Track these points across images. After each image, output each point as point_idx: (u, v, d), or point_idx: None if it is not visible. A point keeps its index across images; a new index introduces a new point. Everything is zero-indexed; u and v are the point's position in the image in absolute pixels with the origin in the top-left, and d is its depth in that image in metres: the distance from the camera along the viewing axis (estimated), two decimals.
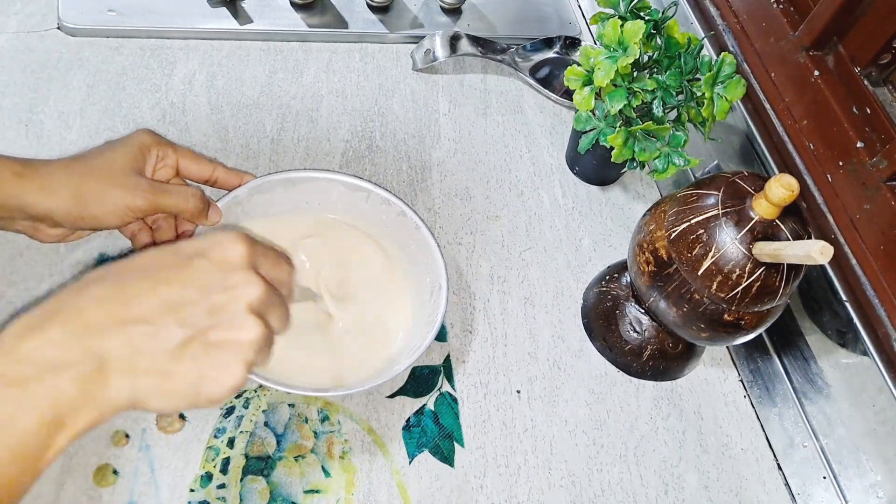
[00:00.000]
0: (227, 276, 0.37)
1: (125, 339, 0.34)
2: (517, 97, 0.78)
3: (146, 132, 0.50)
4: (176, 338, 0.35)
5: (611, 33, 0.58)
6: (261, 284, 0.37)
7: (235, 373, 0.36)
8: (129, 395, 0.34)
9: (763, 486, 0.59)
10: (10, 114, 0.64)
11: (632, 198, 0.73)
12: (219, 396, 0.36)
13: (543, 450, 0.56)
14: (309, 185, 0.57)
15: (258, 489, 0.50)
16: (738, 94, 0.59)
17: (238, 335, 0.36)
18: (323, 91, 0.73)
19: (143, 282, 0.36)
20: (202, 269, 0.37)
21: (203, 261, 0.37)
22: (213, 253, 0.37)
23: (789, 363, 0.63)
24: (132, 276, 0.36)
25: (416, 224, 0.56)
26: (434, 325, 0.52)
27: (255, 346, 0.37)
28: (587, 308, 0.64)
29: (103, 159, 0.48)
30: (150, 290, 0.35)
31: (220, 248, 0.38)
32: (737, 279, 0.49)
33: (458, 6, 0.81)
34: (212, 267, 0.37)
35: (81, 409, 0.33)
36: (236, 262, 0.38)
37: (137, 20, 0.72)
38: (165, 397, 0.35)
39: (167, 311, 0.35)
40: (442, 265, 0.54)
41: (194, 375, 0.35)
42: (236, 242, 0.38)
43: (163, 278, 0.36)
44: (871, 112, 0.57)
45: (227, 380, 0.36)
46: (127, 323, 0.34)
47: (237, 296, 0.37)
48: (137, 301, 0.35)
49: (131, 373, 0.34)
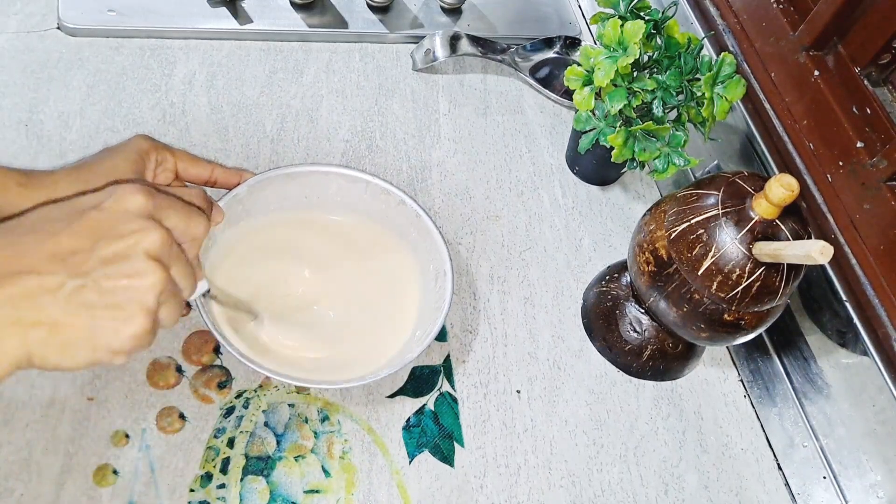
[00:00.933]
0: (122, 224, 0.35)
1: (11, 292, 0.32)
2: (517, 97, 0.78)
3: (142, 137, 0.50)
4: (66, 287, 0.33)
5: (611, 33, 0.58)
6: (160, 231, 0.36)
7: (136, 321, 0.34)
8: (21, 350, 0.33)
9: (763, 486, 0.59)
10: (10, 114, 0.64)
11: (632, 198, 0.73)
12: (119, 346, 0.35)
13: (543, 450, 0.56)
14: (307, 180, 0.57)
15: (258, 489, 0.50)
16: (738, 94, 0.59)
17: (135, 281, 0.35)
18: (323, 91, 0.73)
19: (31, 235, 0.34)
20: (96, 220, 0.35)
21: (97, 212, 0.35)
22: (107, 204, 0.36)
23: (789, 363, 0.63)
24: (22, 231, 0.35)
25: (416, 212, 0.56)
26: (442, 310, 0.52)
27: (155, 291, 0.35)
28: (587, 308, 0.64)
29: (105, 167, 0.47)
30: (38, 241, 0.34)
31: (115, 199, 0.36)
32: (737, 279, 0.49)
33: (458, 6, 0.81)
34: (106, 217, 0.35)
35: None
36: (133, 211, 0.36)
37: (137, 20, 0.72)
38: (61, 350, 0.34)
39: (56, 261, 0.34)
40: (445, 251, 0.55)
41: (88, 325, 0.34)
42: (133, 192, 0.36)
43: (53, 230, 0.34)
44: (871, 112, 0.57)
45: (127, 328, 0.34)
46: (12, 275, 0.33)
47: (133, 243, 0.35)
48: (25, 253, 0.33)
49: (21, 327, 0.33)
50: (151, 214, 0.36)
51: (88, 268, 0.34)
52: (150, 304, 0.35)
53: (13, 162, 0.61)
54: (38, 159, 0.61)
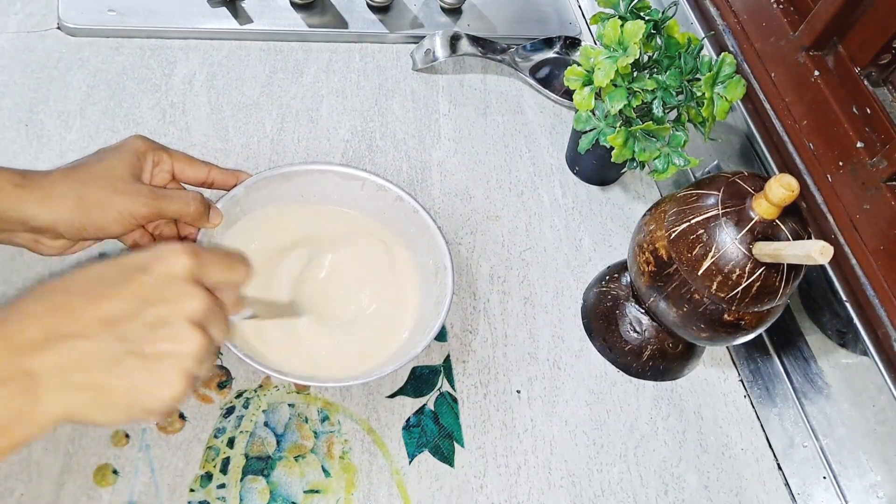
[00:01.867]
0: (167, 288, 0.36)
1: (58, 355, 0.34)
2: (517, 97, 0.78)
3: (139, 138, 0.50)
4: (112, 351, 0.35)
5: (611, 33, 0.58)
6: (202, 296, 0.37)
7: (174, 385, 0.36)
8: (64, 410, 0.34)
9: (763, 486, 0.59)
10: (10, 114, 0.64)
11: (632, 198, 0.73)
12: (157, 408, 0.36)
13: (543, 450, 0.56)
14: (304, 179, 0.57)
15: (258, 489, 0.50)
16: (738, 94, 0.59)
17: (177, 347, 0.36)
18: (323, 91, 0.73)
19: (82, 297, 0.35)
20: (143, 283, 0.36)
21: (144, 275, 0.36)
22: (155, 266, 0.37)
23: (789, 363, 0.63)
24: (72, 291, 0.36)
25: (413, 208, 0.57)
26: (444, 305, 0.52)
27: (196, 357, 0.36)
28: (587, 308, 0.64)
29: (102, 167, 0.47)
30: (87, 305, 0.35)
31: (162, 261, 0.37)
32: (737, 279, 0.49)
33: (458, 6, 0.81)
34: (153, 280, 0.36)
35: (13, 425, 0.33)
36: (179, 274, 0.37)
37: (137, 20, 0.72)
38: (102, 411, 0.35)
39: (104, 326, 0.35)
40: (444, 245, 0.55)
41: (129, 389, 0.35)
42: (179, 254, 0.37)
43: (102, 293, 0.36)
44: (871, 112, 0.57)
45: (166, 391, 0.36)
46: (62, 338, 0.34)
47: (177, 308, 0.36)
48: (74, 316, 0.35)
49: (64, 388, 0.34)
50: (195, 275, 0.38)
51: (133, 333, 0.35)
52: (189, 368, 0.36)
53: (13, 162, 0.61)
54: (38, 159, 0.61)
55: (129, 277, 0.36)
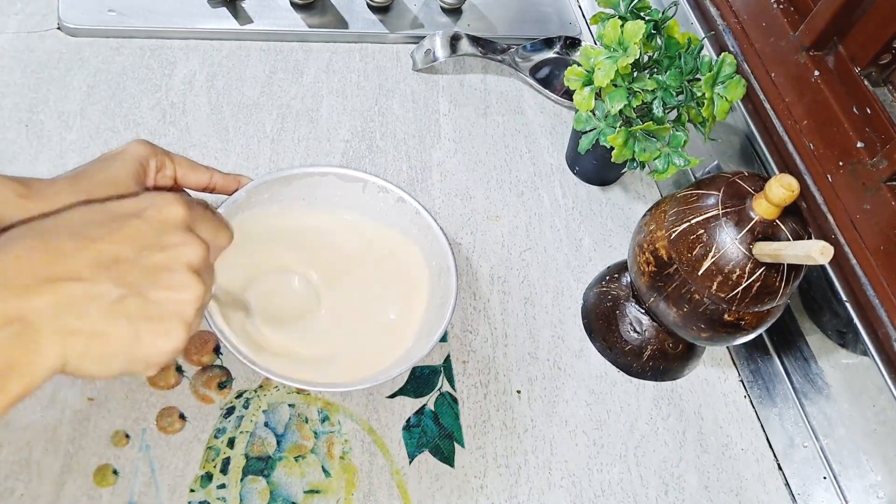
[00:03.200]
0: (165, 235, 0.35)
1: (54, 298, 0.31)
2: (517, 97, 0.78)
3: (141, 143, 0.49)
4: (110, 295, 0.33)
5: (611, 33, 0.58)
6: (201, 245, 0.36)
7: (175, 334, 0.34)
8: (60, 357, 0.32)
9: (763, 486, 0.59)
10: (10, 114, 0.64)
11: (632, 198, 0.73)
12: (156, 359, 0.34)
13: (543, 450, 0.56)
14: (304, 181, 0.57)
15: (258, 489, 0.50)
16: (738, 94, 0.59)
17: (178, 295, 0.34)
18: (323, 91, 0.73)
19: (73, 238, 0.33)
20: (137, 228, 0.35)
21: (138, 220, 0.35)
22: (148, 213, 0.35)
23: (789, 363, 0.63)
24: (59, 233, 0.34)
25: (415, 209, 0.56)
26: (448, 306, 0.52)
27: (196, 305, 0.35)
28: (587, 308, 0.64)
29: (105, 176, 0.46)
30: (81, 246, 0.33)
31: (157, 209, 0.36)
32: (737, 279, 0.49)
33: (458, 6, 0.81)
34: (147, 226, 0.35)
35: (10, 375, 0.31)
36: (174, 222, 0.36)
37: (137, 20, 0.72)
38: (98, 360, 0.33)
39: (101, 268, 0.33)
40: (447, 246, 0.55)
41: (130, 336, 0.33)
42: (174, 203, 0.36)
43: (95, 235, 0.34)
44: (871, 112, 0.57)
45: (167, 342, 0.34)
46: (56, 280, 0.32)
47: (176, 255, 0.35)
48: (67, 257, 0.32)
49: (61, 334, 0.32)
50: (189, 226, 0.36)
51: (132, 278, 0.34)
52: (190, 317, 0.35)
53: (13, 162, 0.61)
54: (38, 159, 0.61)
55: (122, 222, 0.35)
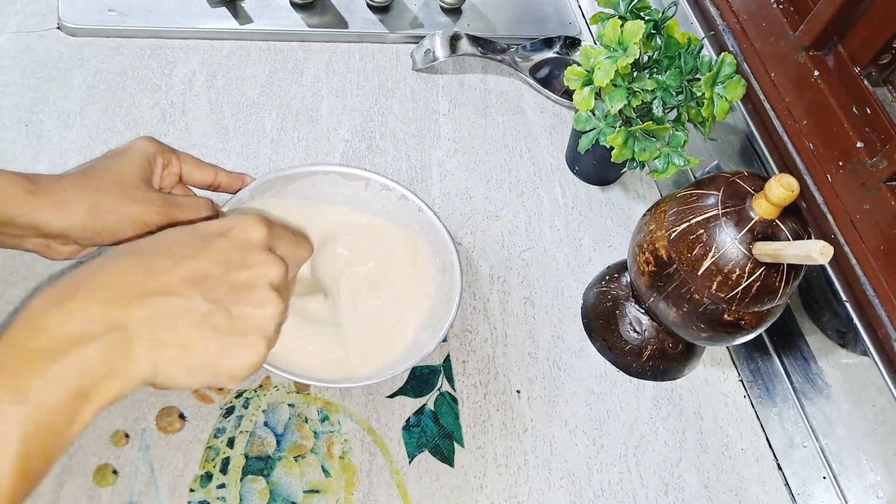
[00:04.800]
0: (248, 255, 0.38)
1: (149, 311, 0.34)
2: (517, 97, 0.78)
3: (148, 140, 0.50)
4: (199, 310, 0.35)
5: (611, 33, 0.58)
6: (282, 265, 0.38)
7: (258, 348, 0.36)
8: (151, 367, 0.34)
9: (763, 486, 0.59)
10: (10, 114, 0.64)
11: (632, 198, 0.73)
12: (239, 372, 0.36)
13: (543, 450, 0.56)
14: (307, 180, 0.57)
15: (258, 489, 0.50)
16: (738, 94, 0.59)
17: (261, 311, 0.37)
18: (323, 91, 0.73)
19: (166, 256, 0.36)
20: (224, 248, 0.37)
21: (224, 240, 0.38)
22: (233, 233, 0.38)
23: (789, 363, 0.63)
24: (154, 251, 0.37)
25: (418, 206, 0.56)
26: (453, 302, 0.52)
27: (276, 321, 0.37)
28: (587, 308, 0.64)
29: (113, 173, 0.47)
30: (173, 264, 0.36)
31: (241, 229, 0.39)
32: (737, 279, 0.49)
33: (458, 6, 0.81)
34: (233, 246, 0.38)
35: (106, 381, 0.33)
36: (257, 242, 0.38)
37: (137, 20, 0.72)
38: (186, 371, 0.35)
39: (191, 284, 0.35)
40: (450, 242, 0.55)
41: (216, 349, 0.35)
42: (256, 223, 0.39)
43: (186, 254, 0.36)
44: (871, 112, 0.57)
45: (250, 355, 0.36)
46: (151, 294, 0.34)
47: (260, 273, 0.37)
48: (161, 273, 0.35)
49: (154, 345, 0.34)
50: (270, 245, 0.39)
51: (219, 294, 0.36)
52: (271, 332, 0.37)
53: (13, 161, 0.61)
54: (38, 159, 0.61)
55: (209, 242, 0.37)
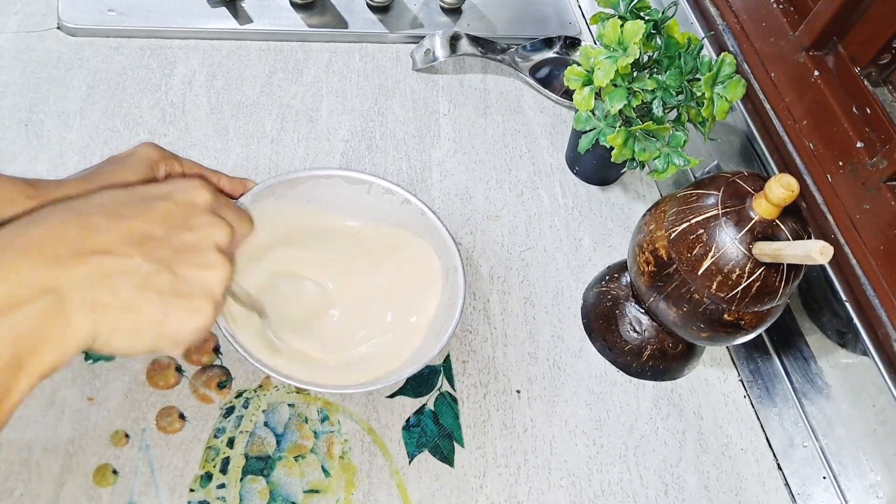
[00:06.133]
0: (193, 217, 0.36)
1: (86, 271, 0.32)
2: (517, 97, 0.78)
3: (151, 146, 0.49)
4: (141, 270, 0.33)
5: (611, 33, 0.58)
6: (228, 227, 0.37)
7: (206, 311, 0.35)
8: (91, 331, 0.32)
9: (763, 486, 0.59)
10: (10, 114, 0.64)
11: (632, 198, 0.73)
12: (185, 336, 0.35)
13: (543, 450, 0.56)
14: (309, 184, 0.57)
15: (258, 489, 0.50)
16: (738, 94, 0.59)
17: (207, 273, 0.35)
18: (323, 91, 0.73)
19: (104, 215, 0.34)
20: (166, 209, 0.36)
21: (167, 202, 0.36)
22: (176, 195, 0.37)
23: (789, 363, 0.63)
24: (90, 210, 0.34)
25: (421, 210, 0.56)
26: (456, 306, 0.52)
27: (224, 284, 0.36)
28: (587, 308, 0.64)
29: (115, 177, 0.46)
30: (112, 223, 0.34)
31: (184, 192, 0.37)
32: (737, 279, 0.49)
33: (458, 6, 0.81)
34: (176, 208, 0.36)
35: (42, 348, 0.31)
36: (201, 205, 0.37)
37: (137, 20, 0.72)
38: (128, 335, 0.33)
39: (132, 244, 0.34)
40: (454, 246, 0.55)
41: (160, 311, 0.34)
42: (200, 188, 0.38)
43: (126, 214, 0.35)
44: (871, 112, 0.57)
45: (196, 319, 0.35)
46: (88, 254, 0.32)
47: (205, 235, 0.36)
48: (98, 232, 0.33)
49: (93, 307, 0.32)
50: (214, 210, 0.38)
51: (162, 255, 0.34)
52: (218, 296, 0.36)
53: (13, 161, 0.61)
54: (38, 159, 0.61)
55: (151, 203, 0.36)
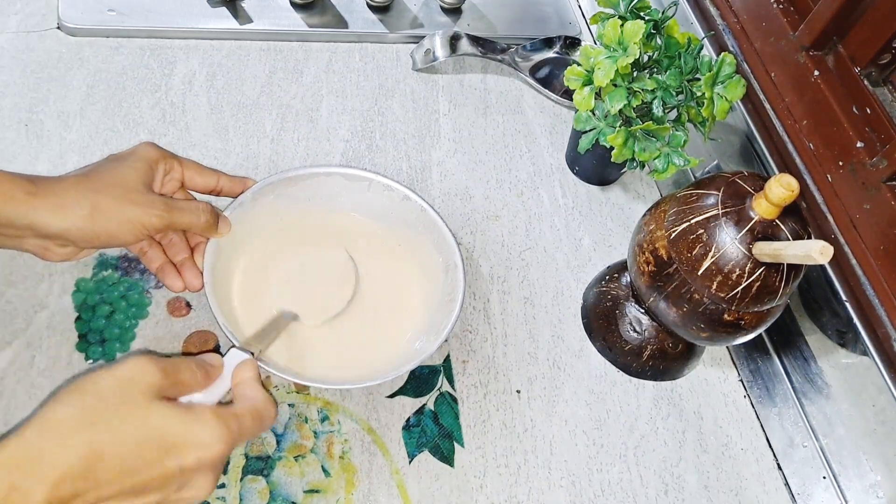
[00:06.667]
0: (196, 477, 0.39)
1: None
2: (517, 97, 0.78)
3: (150, 146, 0.50)
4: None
5: (611, 33, 0.58)
6: (218, 478, 0.40)
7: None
8: None
9: (763, 486, 0.59)
10: (10, 114, 0.64)
11: (632, 198, 0.73)
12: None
13: (543, 450, 0.56)
14: (309, 182, 0.57)
15: (258, 489, 0.50)
16: (738, 94, 0.59)
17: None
18: (323, 91, 0.73)
19: (115, 468, 0.36)
20: (175, 472, 0.38)
21: (177, 461, 0.38)
22: (190, 453, 0.38)
23: (789, 363, 0.63)
24: (105, 454, 0.36)
25: (421, 206, 0.57)
26: (456, 302, 0.52)
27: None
28: (587, 308, 0.64)
29: (114, 175, 0.46)
30: (118, 478, 0.36)
31: (198, 448, 0.38)
32: (737, 279, 0.49)
33: (458, 6, 0.81)
34: (184, 471, 0.38)
35: None
36: (209, 463, 0.39)
37: (137, 20, 0.72)
38: None
39: (129, 495, 0.37)
40: (454, 243, 0.55)
41: None
42: (215, 443, 0.39)
43: (134, 471, 0.37)
44: (871, 112, 0.57)
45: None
46: (86, 498, 0.36)
47: (200, 494, 0.39)
48: (104, 484, 0.36)
49: None
50: (225, 458, 0.41)
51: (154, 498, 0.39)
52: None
53: (13, 161, 0.61)
54: (38, 159, 0.61)
55: (163, 463, 0.37)
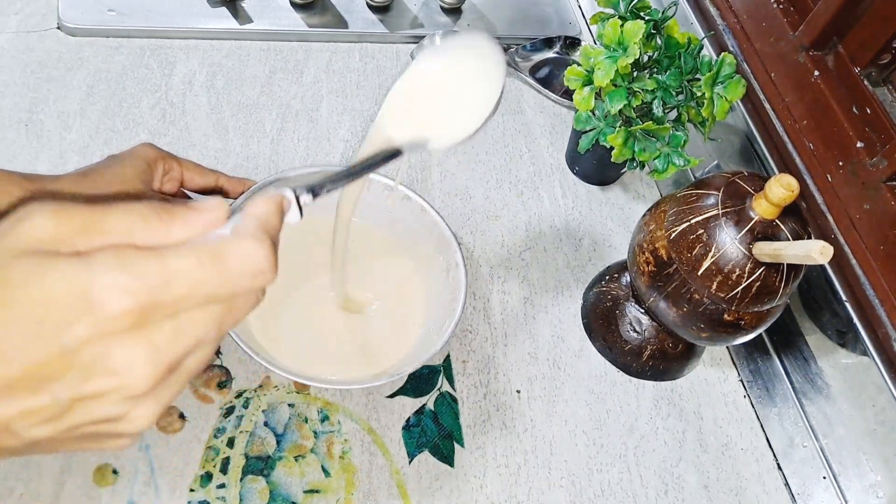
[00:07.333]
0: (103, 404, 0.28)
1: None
2: (517, 97, 0.78)
3: (149, 146, 0.50)
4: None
5: (611, 33, 0.58)
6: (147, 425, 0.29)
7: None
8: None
9: (763, 486, 0.59)
10: (10, 114, 0.64)
11: (632, 198, 0.73)
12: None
13: (543, 450, 0.56)
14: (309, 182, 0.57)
15: (258, 489, 0.50)
16: (738, 94, 0.59)
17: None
18: (323, 91, 0.73)
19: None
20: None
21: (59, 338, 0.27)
22: (77, 326, 0.27)
23: (789, 363, 0.63)
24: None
25: (421, 206, 0.57)
26: (458, 301, 0.52)
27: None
28: (587, 308, 0.64)
29: (112, 174, 0.46)
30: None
31: (89, 317, 0.28)
32: (737, 279, 0.49)
33: (458, 6, 0.81)
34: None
35: None
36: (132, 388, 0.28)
37: (137, 20, 0.72)
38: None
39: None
40: (454, 242, 0.55)
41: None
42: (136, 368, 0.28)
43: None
44: (871, 112, 0.57)
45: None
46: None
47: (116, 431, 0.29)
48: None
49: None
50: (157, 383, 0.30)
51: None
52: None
53: (13, 161, 0.61)
54: (38, 159, 0.61)
55: (43, 340, 0.27)
